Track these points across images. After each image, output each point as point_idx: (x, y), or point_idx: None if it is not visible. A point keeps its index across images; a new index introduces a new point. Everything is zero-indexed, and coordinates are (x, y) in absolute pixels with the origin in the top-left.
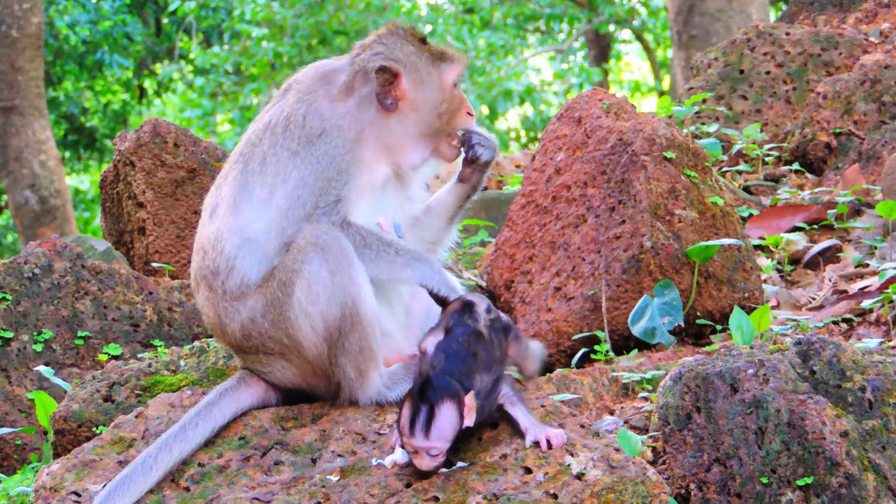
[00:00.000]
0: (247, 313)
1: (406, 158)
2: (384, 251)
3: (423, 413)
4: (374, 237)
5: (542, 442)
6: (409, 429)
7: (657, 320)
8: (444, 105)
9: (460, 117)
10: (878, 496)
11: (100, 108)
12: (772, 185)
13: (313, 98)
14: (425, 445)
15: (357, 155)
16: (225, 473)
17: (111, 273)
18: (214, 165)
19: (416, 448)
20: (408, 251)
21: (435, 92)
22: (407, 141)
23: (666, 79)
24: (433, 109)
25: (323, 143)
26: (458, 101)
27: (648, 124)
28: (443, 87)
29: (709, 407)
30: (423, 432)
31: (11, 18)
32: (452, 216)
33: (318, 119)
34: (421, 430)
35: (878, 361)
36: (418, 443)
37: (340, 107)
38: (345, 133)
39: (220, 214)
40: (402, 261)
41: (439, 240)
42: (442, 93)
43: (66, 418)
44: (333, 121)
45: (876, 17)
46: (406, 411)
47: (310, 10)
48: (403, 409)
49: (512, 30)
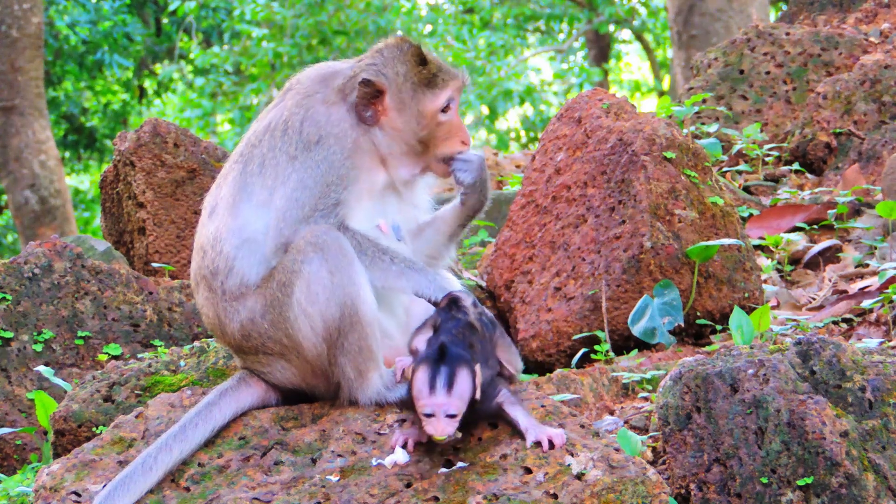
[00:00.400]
0: (246, 314)
1: (395, 171)
2: (379, 258)
3: (444, 373)
4: (369, 243)
5: (543, 442)
6: (428, 389)
7: (657, 320)
8: (425, 132)
9: (451, 144)
10: (878, 496)
11: (100, 108)
12: (772, 185)
13: (310, 102)
14: (446, 403)
15: (355, 161)
16: (225, 473)
17: (111, 273)
18: (214, 165)
19: (436, 407)
20: (403, 259)
21: (414, 117)
22: (394, 155)
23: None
24: (412, 133)
25: (321, 150)
26: (447, 127)
27: (648, 124)
28: (423, 114)
29: (709, 407)
30: (444, 389)
31: (11, 18)
32: (452, 234)
33: (314, 125)
34: (443, 388)
35: (878, 361)
36: (439, 400)
37: (335, 111)
38: (341, 140)
39: (220, 215)
40: (396, 269)
41: (439, 255)
42: (422, 119)
43: (66, 418)
44: (329, 128)
45: (876, 17)
46: (422, 374)
47: (310, 10)
48: (418, 374)
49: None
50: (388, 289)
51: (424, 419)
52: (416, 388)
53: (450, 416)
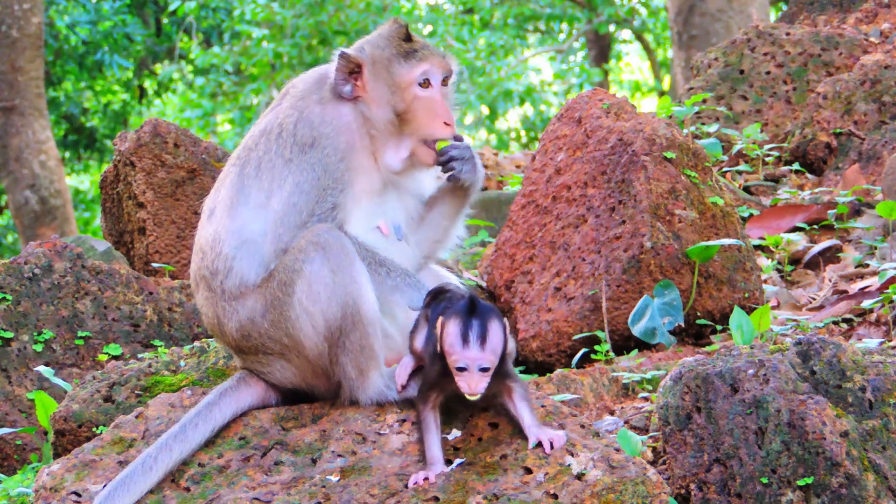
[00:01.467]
0: (246, 314)
1: (384, 158)
2: (376, 271)
3: (476, 325)
4: (367, 253)
5: (545, 443)
6: (461, 343)
7: (657, 320)
8: (402, 105)
9: (432, 125)
10: (878, 496)
11: (100, 109)
12: (772, 185)
13: (305, 104)
14: (480, 356)
15: (350, 163)
16: (225, 473)
17: (111, 273)
18: (214, 166)
19: (470, 361)
20: (400, 273)
21: (390, 88)
22: (379, 138)
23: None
24: (389, 106)
25: (315, 152)
26: (426, 105)
27: (648, 124)
28: (398, 85)
29: (709, 407)
30: (478, 343)
31: (11, 18)
32: (454, 214)
33: (308, 127)
34: (476, 341)
35: (878, 361)
36: (473, 353)
37: (330, 110)
38: (335, 142)
39: (218, 217)
40: (391, 284)
41: (444, 238)
42: (397, 90)
43: (66, 418)
44: (322, 128)
45: (876, 17)
46: (454, 328)
47: (310, 10)
48: (449, 327)
49: (512, 30)
50: (382, 301)
51: (457, 374)
52: (447, 342)
53: (482, 371)
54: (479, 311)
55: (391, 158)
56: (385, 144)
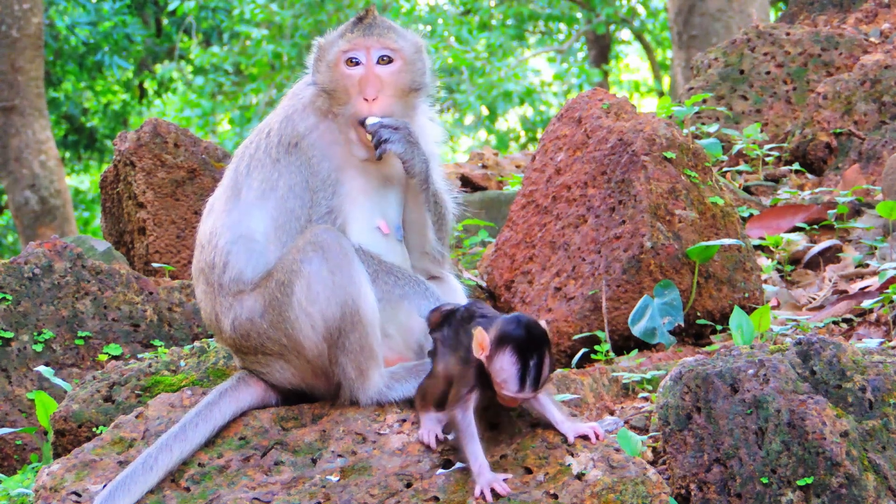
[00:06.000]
0: (245, 313)
1: (351, 147)
2: (383, 280)
3: (534, 368)
4: (373, 261)
5: (589, 434)
6: (517, 384)
7: (657, 320)
8: (331, 84)
9: (356, 102)
10: (878, 496)
11: (100, 109)
12: (772, 185)
13: (292, 104)
14: (529, 397)
15: (335, 162)
16: (225, 473)
17: (111, 273)
18: (214, 165)
19: (521, 398)
20: (408, 280)
21: (327, 69)
22: (342, 128)
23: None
24: (325, 86)
25: (299, 152)
26: (352, 82)
27: (648, 124)
28: (328, 64)
29: (709, 407)
30: (532, 386)
31: (11, 18)
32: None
33: (291, 127)
34: (531, 385)
35: (878, 361)
36: (527, 394)
37: (311, 109)
38: (313, 140)
39: (215, 212)
40: (399, 293)
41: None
42: (328, 69)
43: (66, 418)
44: (301, 128)
45: (876, 17)
46: (510, 365)
47: (309, 10)
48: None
49: (511, 30)
50: (390, 310)
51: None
52: (501, 376)
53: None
54: (534, 342)
55: (356, 148)
56: (347, 132)
